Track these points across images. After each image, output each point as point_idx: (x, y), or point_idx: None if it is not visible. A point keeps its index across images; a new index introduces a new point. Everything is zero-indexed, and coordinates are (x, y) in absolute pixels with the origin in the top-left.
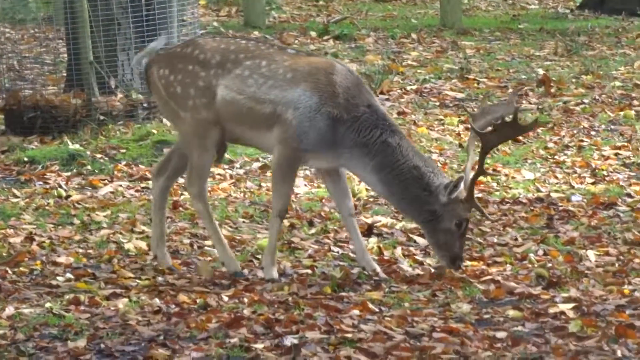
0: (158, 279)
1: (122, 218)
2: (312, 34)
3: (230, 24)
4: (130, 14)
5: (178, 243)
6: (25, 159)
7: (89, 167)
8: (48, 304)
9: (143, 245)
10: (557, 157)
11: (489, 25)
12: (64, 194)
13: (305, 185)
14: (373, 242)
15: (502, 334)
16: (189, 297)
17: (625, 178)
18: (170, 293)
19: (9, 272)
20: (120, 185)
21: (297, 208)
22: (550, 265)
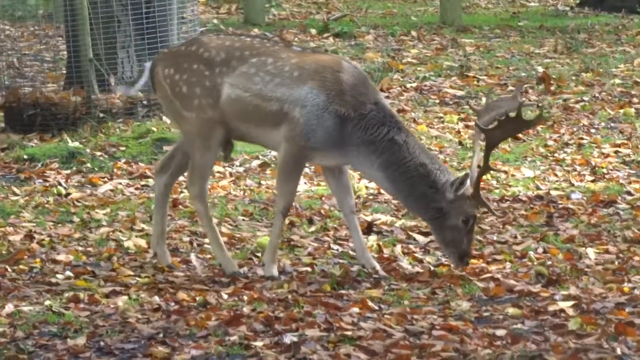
0: (157, 277)
1: (121, 216)
2: (312, 32)
3: (230, 22)
4: (130, 12)
5: (177, 241)
6: (25, 157)
7: (89, 164)
8: (47, 302)
9: (143, 243)
10: (556, 154)
11: (489, 23)
12: (64, 192)
13: (305, 183)
14: (373, 239)
15: (501, 332)
16: (189, 294)
17: (625, 176)
18: (170, 291)
19: (9, 269)
20: (120, 183)
21: (296, 206)
22: (550, 263)
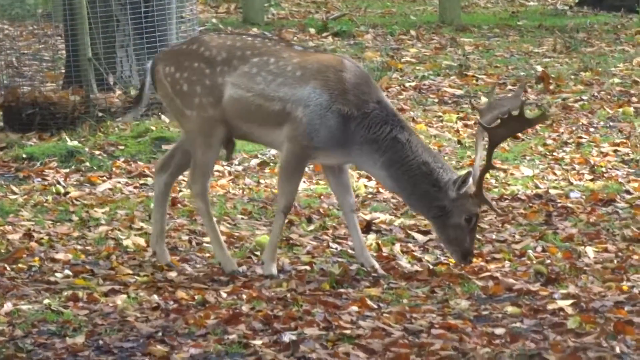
0: (156, 276)
1: (120, 215)
2: (311, 31)
3: (229, 21)
4: (129, 11)
5: (176, 239)
6: (24, 156)
7: (88, 163)
8: (46, 301)
9: (141, 242)
10: (555, 153)
11: (488, 22)
12: (63, 191)
13: (304, 182)
14: (372, 238)
15: (500, 330)
16: (188, 293)
17: (624, 175)
18: (169, 289)
19: (8, 268)
20: (119, 182)
21: (295, 204)
22: (549, 262)
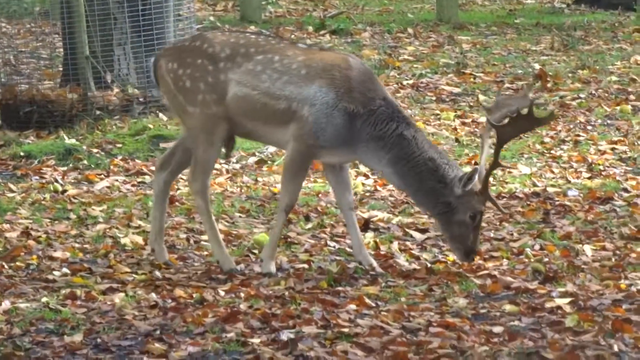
0: (154, 274)
1: (118, 213)
2: (308, 29)
3: (227, 19)
4: (127, 9)
5: (174, 238)
6: (22, 154)
7: (85, 161)
8: (44, 299)
9: (139, 240)
10: (553, 151)
11: (485, 20)
12: (60, 189)
13: None
14: (370, 236)
15: (498, 329)
16: (186, 291)
17: (622, 173)
18: (167, 287)
19: (6, 266)
20: (117, 180)
21: None
22: (547, 260)
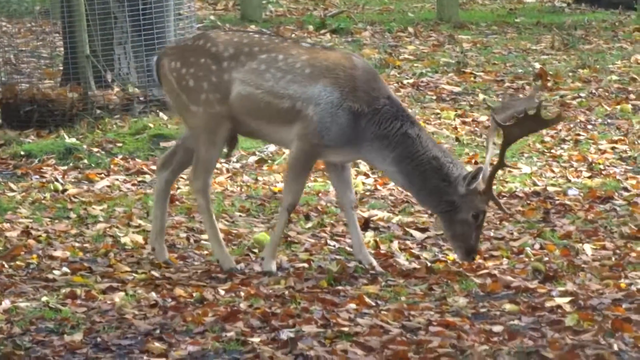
0: (154, 273)
1: (118, 212)
2: (309, 28)
3: (227, 18)
4: (127, 8)
5: (174, 237)
6: (22, 153)
7: (86, 160)
8: (44, 298)
9: (139, 239)
10: (553, 150)
11: (486, 19)
12: (61, 188)
13: None
14: (370, 235)
15: (498, 328)
16: (186, 290)
17: (622, 172)
18: (167, 287)
19: (6, 266)
20: (117, 179)
21: None
22: (547, 259)
